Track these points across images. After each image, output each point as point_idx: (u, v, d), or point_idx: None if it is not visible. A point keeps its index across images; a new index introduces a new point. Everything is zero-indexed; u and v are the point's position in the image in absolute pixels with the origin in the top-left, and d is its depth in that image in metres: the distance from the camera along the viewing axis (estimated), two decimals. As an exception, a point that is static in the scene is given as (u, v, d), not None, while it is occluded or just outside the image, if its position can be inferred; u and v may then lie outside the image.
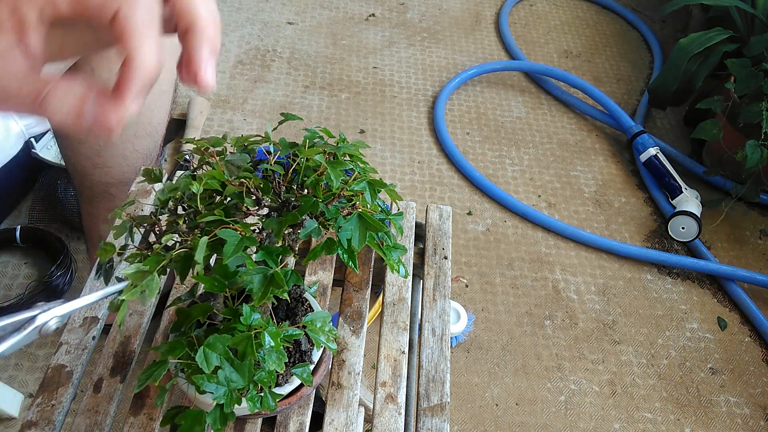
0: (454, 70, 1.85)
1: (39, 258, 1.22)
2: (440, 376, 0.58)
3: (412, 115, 1.70)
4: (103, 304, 0.60)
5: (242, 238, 0.37)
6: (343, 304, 0.62)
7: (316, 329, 0.46)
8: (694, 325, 1.34)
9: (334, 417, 0.53)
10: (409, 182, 1.52)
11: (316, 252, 0.40)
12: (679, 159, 1.64)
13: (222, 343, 0.39)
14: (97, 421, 0.52)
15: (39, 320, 0.35)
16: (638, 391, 1.22)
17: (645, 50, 2.06)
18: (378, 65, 1.83)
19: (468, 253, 1.40)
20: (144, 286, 0.36)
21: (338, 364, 0.57)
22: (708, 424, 1.19)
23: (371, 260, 0.66)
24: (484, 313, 1.30)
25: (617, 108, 1.69)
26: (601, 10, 2.20)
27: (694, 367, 1.27)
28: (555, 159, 1.65)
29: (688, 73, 1.56)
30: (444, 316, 0.63)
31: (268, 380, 0.41)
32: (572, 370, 1.23)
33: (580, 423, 1.16)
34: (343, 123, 1.64)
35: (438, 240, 0.69)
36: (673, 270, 1.44)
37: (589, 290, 1.37)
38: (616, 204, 1.56)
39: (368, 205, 0.41)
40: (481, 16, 2.09)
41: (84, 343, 0.57)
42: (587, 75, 1.92)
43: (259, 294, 0.38)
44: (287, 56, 1.80)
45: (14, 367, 1.08)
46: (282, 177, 0.41)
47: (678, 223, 1.45)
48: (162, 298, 0.64)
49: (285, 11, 1.96)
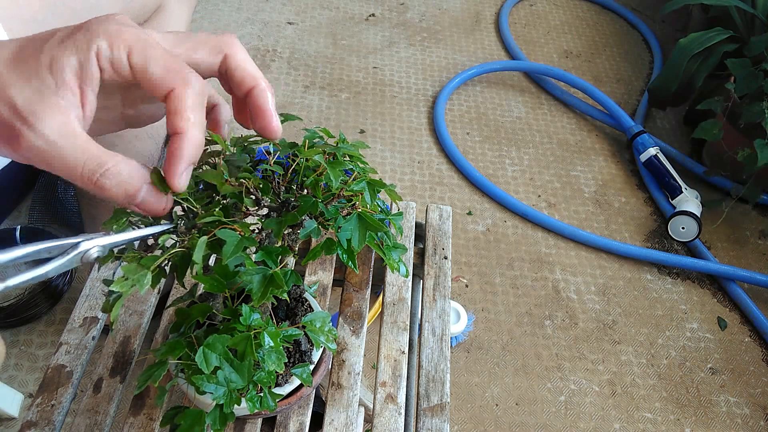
0: (454, 70, 1.85)
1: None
2: (440, 376, 0.58)
3: (412, 115, 1.70)
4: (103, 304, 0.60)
5: (242, 239, 0.37)
6: (343, 304, 0.62)
7: (315, 329, 0.46)
8: (694, 325, 1.34)
9: (334, 417, 0.53)
10: (409, 182, 1.52)
11: (316, 252, 0.40)
12: (679, 159, 1.64)
13: (221, 344, 0.39)
14: (97, 421, 0.52)
15: (82, 247, 0.35)
16: (638, 391, 1.22)
17: (645, 50, 2.06)
18: (378, 65, 1.83)
19: (468, 253, 1.40)
20: (135, 280, 0.36)
21: (338, 364, 0.57)
22: (708, 424, 1.19)
23: (371, 260, 0.66)
24: (484, 313, 1.30)
25: (617, 108, 1.69)
26: (601, 10, 2.20)
27: (694, 367, 1.27)
28: (555, 159, 1.65)
29: (688, 73, 1.56)
30: (444, 316, 0.63)
31: (268, 380, 0.41)
32: (572, 370, 1.23)
33: (580, 423, 1.16)
34: (343, 123, 1.64)
35: (438, 240, 0.69)
36: (673, 270, 1.44)
37: (589, 290, 1.37)
38: (616, 204, 1.56)
39: (368, 205, 0.41)
40: (481, 16, 2.09)
41: (84, 343, 0.57)
42: (587, 75, 1.92)
43: (259, 294, 0.38)
44: (287, 56, 1.80)
45: (14, 367, 1.08)
46: (281, 177, 0.41)
47: (678, 223, 1.45)
48: (162, 298, 0.64)
49: (285, 11, 1.96)
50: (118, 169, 0.34)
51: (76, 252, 0.35)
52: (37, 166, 0.34)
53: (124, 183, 0.34)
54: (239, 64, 0.38)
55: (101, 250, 0.36)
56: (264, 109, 0.38)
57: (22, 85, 0.32)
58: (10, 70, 0.33)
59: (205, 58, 0.38)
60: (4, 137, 0.32)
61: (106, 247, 0.37)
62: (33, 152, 0.32)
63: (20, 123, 0.32)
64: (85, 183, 0.34)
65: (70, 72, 0.33)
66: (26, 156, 0.33)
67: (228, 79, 0.39)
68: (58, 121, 0.32)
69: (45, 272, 0.35)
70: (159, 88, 0.34)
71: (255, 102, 0.38)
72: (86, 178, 0.33)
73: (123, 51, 0.33)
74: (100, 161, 0.33)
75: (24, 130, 0.32)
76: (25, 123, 0.32)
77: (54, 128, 0.32)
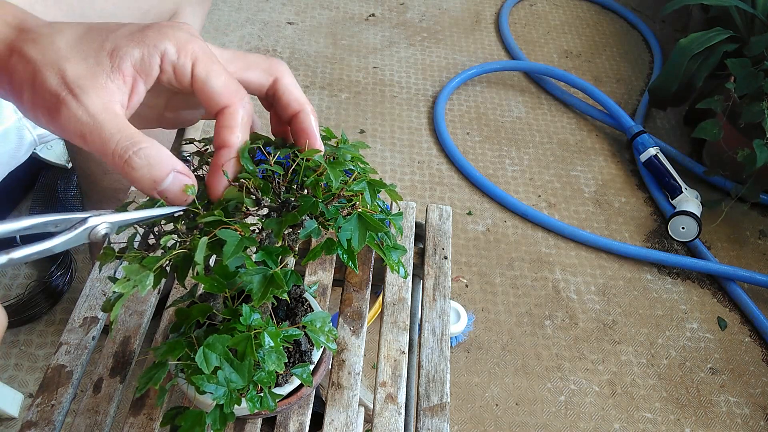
0: (454, 70, 1.85)
1: (39, 258, 1.22)
2: (440, 376, 0.58)
3: (412, 115, 1.70)
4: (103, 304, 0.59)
5: (242, 239, 0.37)
6: (343, 304, 0.62)
7: (315, 329, 0.46)
8: (694, 325, 1.34)
9: (334, 417, 0.53)
10: (409, 182, 1.52)
11: (316, 252, 0.40)
12: (679, 159, 1.64)
13: (221, 344, 0.39)
14: (97, 422, 0.52)
15: (90, 222, 0.35)
16: (638, 391, 1.22)
17: (645, 50, 2.06)
18: (378, 65, 1.83)
19: (468, 253, 1.40)
20: (137, 281, 0.36)
21: (338, 364, 0.57)
22: (708, 424, 1.19)
23: (371, 260, 0.66)
24: (484, 313, 1.30)
25: (617, 108, 1.69)
26: (601, 10, 2.20)
27: (694, 367, 1.27)
28: (555, 159, 1.65)
29: (688, 73, 1.56)
30: (444, 316, 0.63)
31: (268, 380, 0.41)
32: (572, 370, 1.23)
33: (580, 423, 1.16)
34: (343, 123, 1.64)
35: (438, 240, 0.69)
36: (673, 270, 1.44)
37: (589, 290, 1.37)
38: (616, 204, 1.56)
39: (368, 206, 0.41)
40: (481, 16, 2.09)
41: (84, 343, 0.57)
42: (587, 75, 1.92)
43: (259, 294, 0.38)
44: (287, 56, 1.80)
45: (14, 367, 1.08)
46: (282, 177, 0.41)
47: (678, 223, 1.45)
48: (162, 298, 0.64)
49: (285, 11, 1.96)
50: (151, 151, 0.35)
51: (84, 227, 0.35)
52: (71, 140, 0.35)
53: (153, 166, 0.35)
54: (287, 88, 0.41)
55: (110, 226, 0.36)
56: (309, 132, 0.42)
57: (77, 62, 0.34)
58: (70, 47, 0.34)
59: (257, 78, 0.41)
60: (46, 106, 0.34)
61: (115, 224, 0.37)
62: (72, 122, 0.33)
63: (66, 92, 0.33)
64: (115, 161, 0.34)
65: (128, 62, 0.35)
66: (63, 126, 0.34)
67: (275, 101, 0.42)
68: (102, 98, 0.34)
69: (51, 246, 0.34)
70: (215, 102, 0.37)
71: (300, 125, 0.42)
72: (117, 155, 0.34)
73: (189, 60, 0.36)
74: (135, 140, 0.34)
75: (68, 98, 0.33)
76: (70, 92, 0.33)
77: (96, 103, 0.33)
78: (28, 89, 0.34)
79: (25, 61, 0.34)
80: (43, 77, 0.33)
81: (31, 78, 0.34)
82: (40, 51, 0.34)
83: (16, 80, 0.34)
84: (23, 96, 0.34)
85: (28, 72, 0.34)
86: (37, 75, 0.34)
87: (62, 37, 0.35)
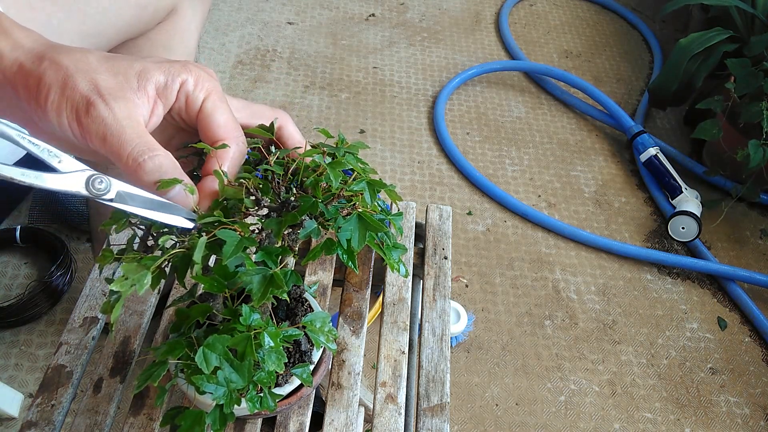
0: (454, 70, 1.85)
1: (39, 258, 1.22)
2: (440, 376, 0.58)
3: (412, 115, 1.70)
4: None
5: (241, 239, 0.37)
6: (343, 304, 0.62)
7: (315, 329, 0.46)
8: (694, 325, 1.34)
9: (334, 417, 0.53)
10: (409, 182, 1.52)
11: (316, 252, 0.40)
12: (679, 159, 1.64)
13: (221, 344, 0.39)
14: (97, 422, 0.52)
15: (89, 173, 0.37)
16: (638, 391, 1.22)
17: (645, 50, 2.06)
18: (378, 65, 1.83)
19: (468, 253, 1.40)
20: (135, 280, 0.36)
21: (338, 364, 0.57)
22: (708, 424, 1.19)
23: (371, 260, 0.66)
24: (484, 313, 1.30)
25: (617, 108, 1.69)
26: (601, 10, 2.20)
27: (694, 367, 1.27)
28: (555, 159, 1.65)
29: (688, 73, 1.56)
30: (444, 316, 0.63)
31: (268, 381, 0.41)
32: (572, 370, 1.23)
33: (580, 423, 1.16)
34: (343, 123, 1.64)
35: (438, 240, 0.69)
36: (673, 270, 1.44)
37: (589, 290, 1.37)
38: (616, 204, 1.56)
39: (368, 206, 0.41)
40: (481, 16, 2.09)
41: (84, 343, 0.57)
42: (587, 75, 1.92)
43: (259, 294, 0.38)
44: (287, 56, 1.80)
45: (14, 367, 1.08)
46: (281, 177, 0.41)
47: (678, 223, 1.45)
48: (162, 298, 0.64)
49: (285, 11, 1.96)
50: (165, 161, 0.38)
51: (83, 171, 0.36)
52: (90, 140, 0.37)
53: (164, 175, 0.38)
54: (291, 134, 0.46)
55: (107, 183, 0.37)
56: None
57: (108, 76, 0.38)
58: (101, 63, 0.38)
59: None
60: (74, 106, 0.36)
61: (119, 191, 0.37)
62: (97, 123, 0.36)
63: (96, 96, 0.36)
64: (129, 163, 0.37)
65: (153, 85, 0.39)
66: (87, 126, 0.36)
67: (280, 145, 0.47)
68: (129, 109, 0.37)
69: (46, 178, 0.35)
70: (213, 133, 0.40)
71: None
72: (132, 157, 0.37)
73: (202, 93, 0.40)
74: (152, 147, 0.37)
75: (98, 101, 0.36)
76: (101, 97, 0.36)
77: (123, 110, 0.37)
78: (57, 91, 0.36)
79: (56, 67, 0.37)
80: (74, 81, 0.36)
81: (62, 81, 0.36)
82: (72, 61, 0.37)
83: (45, 82, 0.37)
84: (48, 98, 0.36)
85: (60, 76, 0.36)
86: (68, 79, 0.36)
87: (93, 55, 0.38)
